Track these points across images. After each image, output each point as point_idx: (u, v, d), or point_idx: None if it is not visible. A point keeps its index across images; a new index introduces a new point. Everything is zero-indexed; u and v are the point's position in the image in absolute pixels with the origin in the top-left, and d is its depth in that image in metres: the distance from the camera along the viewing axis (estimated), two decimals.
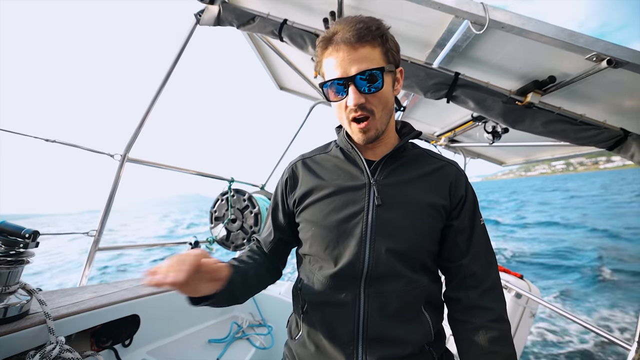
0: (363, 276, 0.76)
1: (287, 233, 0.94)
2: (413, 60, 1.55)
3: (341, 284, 0.78)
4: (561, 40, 1.11)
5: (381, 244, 0.76)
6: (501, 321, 0.78)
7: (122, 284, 1.58)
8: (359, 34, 0.70)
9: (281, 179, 0.96)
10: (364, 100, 0.73)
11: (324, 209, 0.83)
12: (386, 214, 0.78)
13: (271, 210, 0.97)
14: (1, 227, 1.05)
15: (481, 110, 1.50)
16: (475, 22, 1.16)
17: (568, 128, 1.47)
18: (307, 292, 0.85)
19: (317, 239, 0.82)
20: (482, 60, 1.48)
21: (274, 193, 0.98)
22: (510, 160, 3.11)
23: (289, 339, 0.93)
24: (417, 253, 0.78)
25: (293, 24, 1.55)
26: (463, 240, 0.82)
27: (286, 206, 0.93)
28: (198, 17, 1.64)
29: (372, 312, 0.75)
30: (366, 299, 0.76)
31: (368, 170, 0.83)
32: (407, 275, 0.76)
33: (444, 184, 0.83)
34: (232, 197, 2.29)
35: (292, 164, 0.96)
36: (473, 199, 0.86)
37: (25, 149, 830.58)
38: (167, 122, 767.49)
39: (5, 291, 1.03)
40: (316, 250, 0.83)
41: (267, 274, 0.94)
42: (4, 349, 0.98)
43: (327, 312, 0.80)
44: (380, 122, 0.77)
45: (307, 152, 0.98)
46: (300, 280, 0.89)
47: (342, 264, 0.78)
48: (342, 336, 0.77)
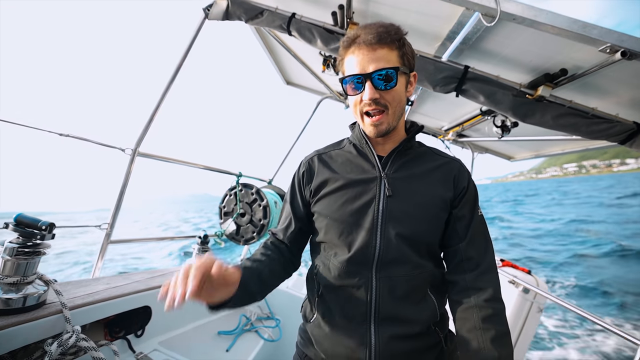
0: (374, 261, 0.83)
1: (306, 223, 0.99)
2: (422, 54, 1.54)
3: (354, 268, 0.84)
4: (574, 32, 1.09)
5: (391, 230, 0.83)
6: (494, 300, 0.81)
7: (134, 276, 1.61)
8: (379, 36, 0.78)
9: (297, 172, 1.02)
10: (378, 95, 0.80)
11: (338, 199, 0.89)
12: (396, 203, 0.85)
13: (289, 201, 1.01)
14: (19, 219, 1.08)
15: (491, 104, 1.49)
16: (486, 14, 1.15)
17: (579, 122, 1.45)
18: (322, 277, 0.91)
19: (332, 228, 0.88)
20: (492, 53, 1.46)
21: (291, 185, 1.03)
22: (519, 154, 3.07)
23: (304, 322, 0.99)
24: (424, 240, 0.85)
25: (301, 17, 1.55)
26: (462, 227, 0.88)
27: (304, 196, 0.98)
28: (207, 12, 1.64)
29: (383, 294, 0.82)
30: (377, 282, 0.82)
31: (379, 164, 0.90)
32: (414, 260, 0.83)
33: (448, 177, 0.90)
34: (240, 191, 2.31)
35: (309, 158, 1.01)
36: (474, 192, 0.92)
37: (39, 143, 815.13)
38: (175, 117, 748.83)
39: (23, 281, 1.06)
40: (331, 237, 0.89)
41: (282, 270, 0.95)
42: (24, 336, 1.01)
43: (341, 295, 0.86)
44: (392, 117, 0.84)
45: (322, 148, 1.04)
46: (316, 266, 0.95)
47: (355, 250, 0.84)
48: (355, 317, 0.84)
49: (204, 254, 2.00)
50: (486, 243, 0.89)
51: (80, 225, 1.58)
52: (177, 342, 1.64)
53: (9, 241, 1.06)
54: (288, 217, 1.01)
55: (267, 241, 1.01)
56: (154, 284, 1.57)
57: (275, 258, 0.94)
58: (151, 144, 2.00)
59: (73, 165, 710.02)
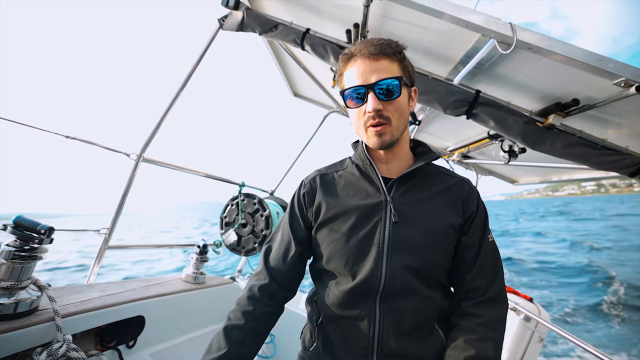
0: (379, 292, 0.77)
1: (306, 247, 0.93)
2: (434, 76, 1.55)
3: (357, 299, 0.79)
4: (589, 64, 1.09)
5: (397, 260, 0.78)
6: (487, 327, 0.76)
7: (130, 284, 1.58)
8: (380, 47, 0.77)
9: (298, 193, 0.96)
10: (381, 107, 0.77)
11: (341, 225, 0.84)
12: (402, 230, 0.80)
13: (288, 223, 0.93)
14: (18, 221, 1.05)
15: (501, 130, 1.48)
16: (502, 42, 1.15)
17: (589, 152, 1.44)
18: (322, 306, 0.85)
19: (336, 256, 0.83)
20: (505, 78, 1.47)
21: (290, 207, 0.96)
22: (524, 179, 3.06)
23: (303, 350, 0.94)
24: (433, 270, 0.80)
25: (315, 33, 1.55)
26: (470, 256, 0.83)
27: (306, 220, 0.92)
28: (221, 22, 1.65)
29: (387, 327, 0.76)
30: (381, 315, 0.77)
31: (384, 188, 0.85)
32: (422, 291, 0.78)
33: (456, 200, 0.85)
34: (242, 201, 2.28)
35: (310, 179, 0.96)
36: (483, 215, 0.87)
37: (45, 145, 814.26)
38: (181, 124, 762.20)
39: (17, 286, 1.03)
40: (335, 266, 0.84)
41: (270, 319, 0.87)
42: (12, 344, 0.98)
43: (343, 326, 0.81)
44: (396, 129, 0.81)
45: (323, 168, 0.99)
46: (317, 292, 0.90)
47: (359, 280, 0.79)
48: (356, 350, 0.78)
49: (202, 263, 1.96)
50: (496, 271, 0.84)
51: (79, 229, 1.56)
52: (169, 355, 1.59)
53: (5, 244, 1.03)
54: (287, 240, 0.92)
55: (255, 286, 0.88)
56: (149, 293, 1.53)
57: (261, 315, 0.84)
58: (157, 150, 1.99)
59: (84, 168, 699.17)
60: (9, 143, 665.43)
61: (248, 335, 0.81)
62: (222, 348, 0.78)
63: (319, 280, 0.91)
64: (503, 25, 1.12)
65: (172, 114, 1.80)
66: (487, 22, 1.12)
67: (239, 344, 0.79)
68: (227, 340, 0.79)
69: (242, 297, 0.88)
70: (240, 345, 0.79)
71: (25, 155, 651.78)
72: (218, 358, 0.76)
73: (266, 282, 0.88)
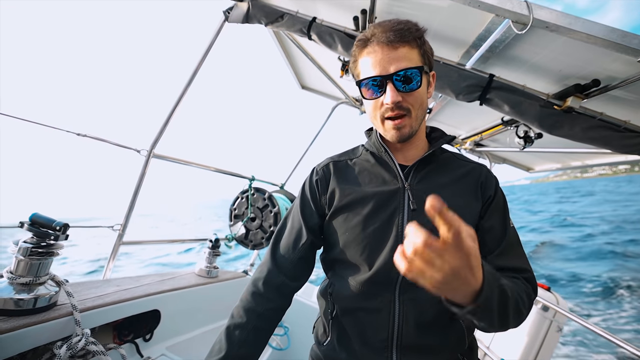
0: (398, 282, 0.75)
1: (318, 235, 0.90)
2: (445, 61, 1.50)
3: (375, 289, 0.77)
4: (612, 41, 1.03)
5: None
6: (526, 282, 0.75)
7: (145, 279, 1.60)
8: (400, 33, 0.72)
9: (310, 180, 0.92)
10: (401, 98, 0.73)
11: (357, 214, 0.81)
12: (421, 218, 0.75)
13: (299, 211, 0.90)
14: (34, 218, 1.07)
15: (516, 114, 1.43)
16: (517, 22, 1.10)
17: (611, 135, 1.38)
18: (338, 298, 0.83)
19: (351, 245, 0.80)
20: (519, 61, 1.41)
21: (301, 195, 0.92)
22: (539, 166, 2.98)
23: (316, 344, 0.91)
24: None
25: (322, 22, 1.52)
26: (492, 240, 0.79)
27: (319, 206, 0.89)
28: (227, 14, 1.63)
29: (407, 319, 0.74)
30: (401, 306, 0.75)
31: (402, 174, 0.82)
32: None
33: (474, 185, 0.83)
34: (252, 195, 2.29)
35: (323, 165, 0.92)
36: (503, 200, 0.84)
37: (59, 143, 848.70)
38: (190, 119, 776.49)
39: (35, 282, 1.05)
40: (349, 255, 0.81)
41: (274, 315, 0.86)
42: (33, 338, 1.00)
43: (360, 319, 0.79)
44: (416, 121, 0.77)
45: (336, 155, 0.95)
46: (331, 284, 0.86)
47: (376, 270, 0.76)
48: (375, 343, 0.76)
49: (214, 257, 1.97)
50: (523, 257, 0.80)
51: (94, 226, 1.58)
52: (185, 348, 1.61)
53: (23, 241, 1.05)
54: (298, 228, 0.89)
55: (259, 279, 0.86)
56: (164, 287, 1.55)
57: (264, 311, 0.83)
58: (167, 146, 2.00)
59: (97, 164, 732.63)
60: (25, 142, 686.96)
61: (251, 334, 0.80)
62: (222, 350, 0.77)
63: (332, 271, 0.88)
64: (518, 3, 1.07)
65: (181, 109, 1.80)
66: (501, 1, 1.08)
67: (241, 344, 0.78)
68: (227, 341, 0.78)
69: (245, 294, 0.86)
70: (242, 346, 0.78)
71: (41, 153, 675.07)
72: None
73: (272, 275, 0.86)
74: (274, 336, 2.01)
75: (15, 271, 1.04)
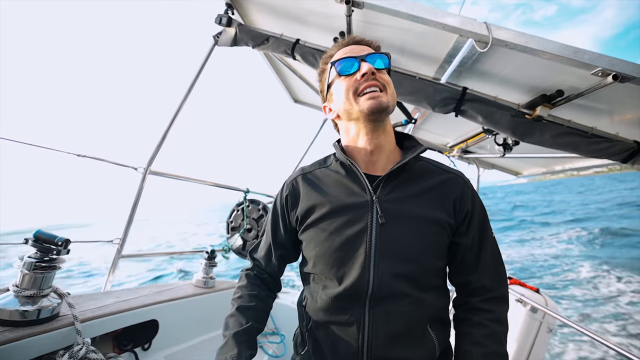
0: (367, 297, 0.75)
1: (288, 250, 0.95)
2: (421, 76, 1.60)
3: (345, 304, 0.77)
4: (565, 57, 1.13)
5: (385, 264, 0.75)
6: (498, 322, 0.79)
7: (142, 290, 1.67)
8: (361, 40, 0.86)
9: (280, 195, 0.93)
10: (375, 70, 0.78)
11: (326, 228, 0.81)
12: (390, 232, 0.76)
13: (270, 227, 0.94)
14: (38, 235, 1.15)
15: (489, 124, 1.52)
16: (479, 41, 1.20)
17: (579, 141, 1.47)
18: (311, 310, 0.85)
19: (321, 259, 0.81)
20: (490, 74, 1.51)
21: (273, 209, 0.95)
22: (527, 171, 3.06)
23: (295, 354, 0.94)
24: (423, 272, 0.77)
25: (305, 43, 1.63)
26: (472, 257, 0.82)
27: (287, 223, 0.91)
28: (216, 39, 1.74)
29: (377, 332, 0.74)
30: (370, 319, 0.75)
31: (370, 187, 0.80)
32: (412, 294, 0.75)
33: (448, 200, 0.81)
34: (247, 207, 2.37)
35: (292, 179, 0.93)
36: (481, 212, 0.84)
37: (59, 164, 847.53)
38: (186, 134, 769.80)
39: (39, 294, 1.13)
40: (320, 269, 0.82)
41: (270, 302, 0.96)
42: (37, 347, 1.07)
43: (331, 332, 0.79)
44: (391, 100, 0.80)
45: (307, 166, 0.96)
46: (305, 297, 0.90)
47: (346, 285, 0.77)
48: (346, 356, 0.77)
49: (211, 268, 2.04)
50: (500, 269, 0.84)
51: (94, 240, 1.66)
52: (183, 356, 1.67)
53: (27, 256, 1.13)
54: (268, 243, 0.96)
55: (250, 273, 0.97)
56: (161, 298, 1.61)
57: (265, 297, 0.94)
58: (164, 161, 2.09)
59: (97, 181, 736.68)
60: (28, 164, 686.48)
61: (260, 313, 0.89)
62: (243, 324, 0.83)
63: (307, 283, 0.90)
64: (478, 25, 1.17)
65: (176, 127, 1.90)
66: (462, 23, 1.17)
67: (256, 320, 0.86)
68: (246, 317, 0.85)
69: (244, 284, 0.94)
70: (257, 322, 0.87)
71: (42, 173, 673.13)
72: (244, 331, 0.82)
73: (259, 274, 0.97)
74: (270, 344, 2.06)
75: (21, 284, 1.11)
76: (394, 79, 1.55)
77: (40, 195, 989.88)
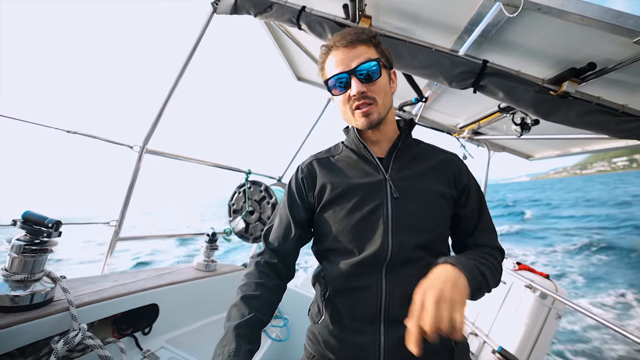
0: (385, 263, 0.82)
1: (306, 230, 0.97)
2: (438, 48, 1.47)
3: (364, 270, 0.84)
4: (606, 22, 1.01)
5: (402, 234, 0.83)
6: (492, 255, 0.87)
7: (142, 274, 1.62)
8: (355, 37, 0.84)
9: (295, 178, 1.00)
10: (365, 89, 0.83)
11: (344, 206, 0.88)
12: (404, 205, 0.85)
13: (287, 208, 0.97)
14: (26, 216, 1.08)
15: (511, 101, 1.41)
16: (508, 4, 1.07)
17: (608, 119, 1.36)
18: (330, 280, 0.89)
19: (340, 235, 0.87)
20: (514, 45, 1.38)
21: (288, 192, 1.00)
22: (539, 153, 2.94)
23: (312, 324, 0.97)
24: (434, 240, 0.85)
25: (312, 11, 1.49)
26: (471, 224, 0.93)
27: (306, 203, 0.96)
28: (215, 6, 1.61)
29: (394, 294, 0.81)
30: (387, 283, 0.81)
31: (382, 166, 0.90)
32: (425, 259, 0.83)
33: (448, 175, 0.92)
34: (249, 189, 2.29)
35: (307, 163, 1.00)
36: (475, 185, 0.96)
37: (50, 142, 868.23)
38: (183, 113, 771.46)
39: (30, 278, 1.06)
40: (341, 244, 0.88)
41: (280, 292, 0.92)
42: (31, 333, 1.01)
43: (350, 297, 0.85)
44: (383, 108, 0.86)
45: (318, 153, 1.04)
46: (323, 269, 0.92)
47: (365, 254, 0.83)
48: (364, 318, 0.82)
49: (212, 251, 1.99)
50: (492, 228, 0.96)
51: (89, 222, 1.59)
52: (184, 340, 1.63)
53: (16, 238, 1.06)
54: (286, 223, 0.96)
55: (260, 260, 0.93)
56: (161, 281, 1.56)
57: (273, 286, 0.89)
58: (162, 142, 2.00)
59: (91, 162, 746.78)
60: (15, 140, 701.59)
61: (265, 304, 0.85)
62: (245, 314, 0.79)
63: (325, 259, 0.94)
64: None
65: (174, 103, 1.79)
66: None
67: (259, 311, 0.82)
68: (249, 307, 0.81)
69: (252, 272, 0.90)
70: (260, 312, 0.82)
71: (31, 151, 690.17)
72: (245, 322, 0.78)
73: (271, 260, 0.93)
74: (274, 327, 2.03)
75: (10, 268, 1.05)
76: (408, 52, 1.43)
77: (28, 180, 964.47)
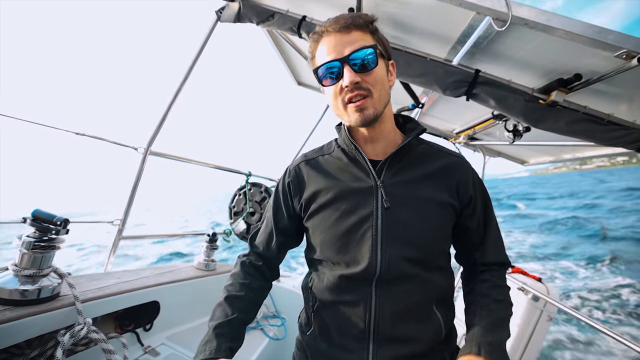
0: (375, 278, 0.76)
1: (290, 237, 0.94)
2: (432, 57, 1.53)
3: (352, 285, 0.78)
4: (589, 37, 1.06)
5: (392, 248, 0.76)
6: (501, 286, 0.84)
7: (144, 272, 1.66)
8: (350, 21, 0.73)
9: (282, 181, 0.94)
10: (359, 79, 0.72)
11: (332, 214, 0.81)
12: (395, 215, 0.77)
13: (272, 213, 0.93)
14: (36, 214, 1.13)
15: (502, 109, 1.46)
16: (497, 19, 1.13)
17: (594, 128, 1.41)
18: (317, 291, 0.85)
19: (328, 245, 0.82)
20: (504, 57, 1.44)
21: (275, 196, 0.95)
22: (533, 159, 3.00)
23: (300, 334, 0.95)
24: (429, 254, 0.78)
25: (312, 20, 1.55)
26: (478, 238, 0.87)
27: (290, 209, 0.91)
28: (219, 14, 1.67)
29: (384, 312, 0.75)
30: (377, 299, 0.76)
31: (373, 172, 0.81)
32: (419, 275, 0.76)
33: (452, 183, 0.82)
34: (249, 190, 2.34)
35: (295, 165, 0.93)
36: (484, 195, 0.88)
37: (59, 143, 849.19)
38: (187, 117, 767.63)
39: (39, 274, 1.11)
40: (327, 255, 0.82)
41: (264, 293, 0.93)
42: (38, 327, 1.06)
43: (338, 312, 0.80)
44: (379, 102, 0.75)
45: (309, 152, 0.95)
46: (312, 279, 0.89)
47: (353, 268, 0.78)
48: (353, 335, 0.78)
49: (212, 251, 2.03)
50: (500, 245, 0.89)
51: (94, 221, 1.64)
52: (184, 337, 1.68)
53: (26, 235, 1.11)
54: (269, 229, 0.93)
55: (245, 261, 0.93)
56: (162, 279, 1.61)
57: (257, 287, 0.89)
58: (165, 144, 2.05)
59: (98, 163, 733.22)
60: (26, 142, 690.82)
61: (249, 304, 0.85)
62: (229, 315, 0.79)
63: (313, 267, 0.90)
64: (498, 1, 1.10)
65: (177, 107, 1.85)
66: (481, 0, 1.11)
67: (241, 311, 0.82)
68: (232, 308, 0.81)
69: (237, 272, 0.91)
70: (243, 312, 0.82)
71: (41, 152, 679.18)
72: (227, 322, 0.77)
73: (256, 262, 0.93)
74: (271, 326, 2.07)
75: (20, 264, 1.10)
76: (404, 60, 1.49)
77: (37, 180, 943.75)
